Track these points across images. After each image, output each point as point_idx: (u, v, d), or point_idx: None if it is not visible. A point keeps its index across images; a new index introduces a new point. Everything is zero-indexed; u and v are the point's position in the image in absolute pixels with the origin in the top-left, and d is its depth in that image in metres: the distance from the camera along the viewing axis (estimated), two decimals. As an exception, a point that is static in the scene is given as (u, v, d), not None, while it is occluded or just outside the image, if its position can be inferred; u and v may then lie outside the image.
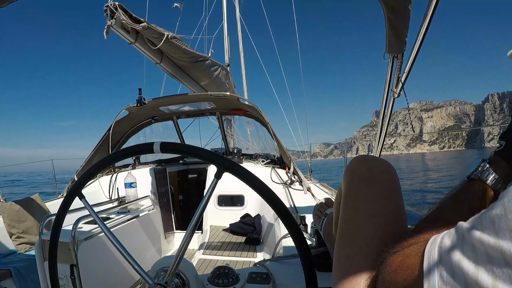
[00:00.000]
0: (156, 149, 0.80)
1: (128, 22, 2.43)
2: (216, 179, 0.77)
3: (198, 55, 3.55)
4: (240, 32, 9.19)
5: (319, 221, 1.27)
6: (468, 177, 0.58)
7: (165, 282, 0.83)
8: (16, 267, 2.38)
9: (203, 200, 0.78)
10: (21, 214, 2.88)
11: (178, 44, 3.00)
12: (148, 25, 2.54)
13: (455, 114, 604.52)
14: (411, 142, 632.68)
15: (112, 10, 2.32)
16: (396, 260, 0.52)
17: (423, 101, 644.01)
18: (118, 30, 2.47)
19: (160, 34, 2.71)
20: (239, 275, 1.21)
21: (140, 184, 2.96)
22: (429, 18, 1.74)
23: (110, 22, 2.33)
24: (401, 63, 2.26)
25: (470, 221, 0.40)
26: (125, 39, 2.65)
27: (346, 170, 0.81)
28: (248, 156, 4.14)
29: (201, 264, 2.51)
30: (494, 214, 0.35)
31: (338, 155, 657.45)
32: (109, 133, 3.56)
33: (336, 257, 0.73)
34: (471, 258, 0.36)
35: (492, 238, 0.34)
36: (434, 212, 0.61)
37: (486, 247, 0.34)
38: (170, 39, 2.81)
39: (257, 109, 3.39)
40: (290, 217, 0.72)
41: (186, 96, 3.39)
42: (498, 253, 0.32)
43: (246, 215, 3.26)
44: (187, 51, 3.25)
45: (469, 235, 0.38)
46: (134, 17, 2.50)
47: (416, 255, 0.48)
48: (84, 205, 0.92)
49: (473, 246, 0.36)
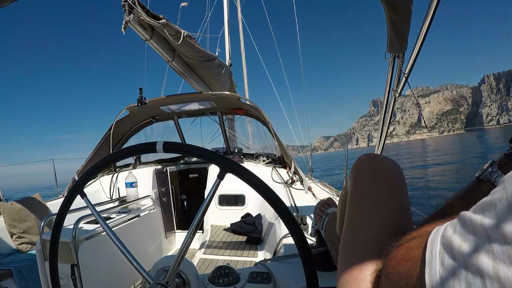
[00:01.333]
0: (159, 149, 0.80)
1: (146, 19, 2.39)
2: (219, 180, 0.77)
3: (208, 54, 3.54)
4: (242, 32, 9.19)
5: (320, 220, 1.26)
6: (477, 178, 0.58)
7: (166, 282, 0.83)
8: (17, 267, 2.38)
9: (206, 200, 0.78)
10: (22, 213, 2.88)
11: (192, 43, 2.98)
12: (167, 22, 2.51)
13: (453, 97, 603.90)
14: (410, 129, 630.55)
15: (130, 5, 2.28)
16: (400, 253, 0.52)
17: (419, 87, 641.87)
18: (135, 26, 2.44)
19: (177, 32, 2.69)
20: (239, 275, 1.20)
21: (141, 184, 2.95)
22: (430, 18, 1.74)
23: (128, 18, 2.28)
24: (402, 62, 2.26)
25: (472, 208, 0.40)
26: (141, 36, 2.62)
27: (352, 169, 0.81)
28: (249, 155, 4.14)
29: (202, 264, 2.51)
30: (495, 197, 0.35)
31: (339, 147, 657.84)
32: (110, 132, 3.57)
33: (342, 255, 0.73)
34: (471, 241, 0.36)
35: (492, 220, 0.34)
36: (440, 210, 0.61)
37: (486, 229, 0.34)
38: (186, 37, 2.79)
39: (258, 108, 3.39)
40: (290, 217, 0.72)
41: (187, 95, 3.39)
42: (498, 234, 0.32)
43: (247, 214, 3.25)
44: (199, 50, 3.22)
45: (470, 220, 0.38)
46: (152, 13, 2.46)
47: (419, 247, 0.48)
48: (85, 205, 0.92)
49: (473, 230, 0.36)
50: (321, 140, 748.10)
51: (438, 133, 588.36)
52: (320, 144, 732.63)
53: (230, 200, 3.49)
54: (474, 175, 0.60)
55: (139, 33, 2.58)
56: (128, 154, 0.88)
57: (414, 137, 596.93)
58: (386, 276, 0.54)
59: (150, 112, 3.87)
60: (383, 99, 2.62)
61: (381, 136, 2.84)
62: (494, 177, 0.55)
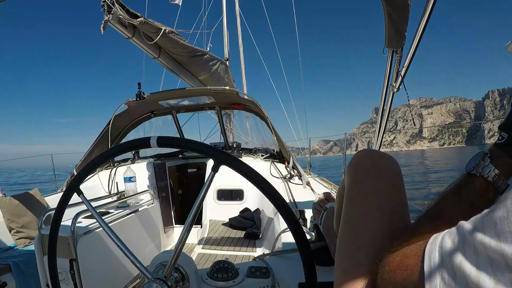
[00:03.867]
0: (153, 144, 0.80)
1: (125, 17, 2.43)
2: (213, 172, 0.77)
3: (196, 49, 3.54)
4: (240, 26, 9.15)
5: (318, 215, 1.27)
6: (468, 172, 0.56)
7: (164, 277, 0.83)
8: (15, 261, 2.39)
9: (201, 193, 0.79)
10: (20, 208, 2.88)
11: (176, 39, 2.99)
12: (145, 20, 2.54)
13: (455, 110, 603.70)
14: (411, 139, 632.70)
15: (109, 5, 2.32)
16: (394, 260, 0.52)
17: (423, 98, 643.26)
18: (115, 25, 2.47)
19: (157, 29, 2.71)
20: (238, 270, 1.21)
21: (140, 179, 2.95)
22: (428, 12, 1.74)
23: (107, 17, 2.33)
24: (400, 58, 2.26)
25: (472, 221, 0.39)
26: (123, 34, 2.65)
27: (350, 164, 0.80)
28: (248, 150, 4.14)
29: (200, 259, 2.52)
30: (496, 216, 0.35)
31: (338, 151, 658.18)
32: (108, 127, 3.56)
33: (339, 251, 0.73)
34: (472, 260, 0.35)
35: (493, 240, 0.33)
36: (433, 209, 0.59)
37: (487, 250, 0.34)
38: (168, 33, 2.81)
39: (256, 103, 3.38)
40: (289, 211, 0.72)
41: (185, 90, 3.38)
42: (499, 256, 0.32)
43: (246, 209, 3.26)
44: (185, 46, 3.24)
45: (471, 236, 0.37)
46: (131, 12, 2.50)
47: (415, 255, 0.47)
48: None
49: (474, 248, 0.36)
50: (321, 144, 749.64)
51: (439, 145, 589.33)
52: (320, 147, 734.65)
53: (229, 195, 3.49)
54: (464, 168, 0.58)
55: (120, 32, 2.62)
56: (123, 151, 0.89)
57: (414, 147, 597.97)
58: (381, 282, 0.54)
59: (149, 107, 3.86)
60: (381, 94, 2.62)
61: (379, 131, 2.84)
62: (487, 172, 0.52)
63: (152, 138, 0.80)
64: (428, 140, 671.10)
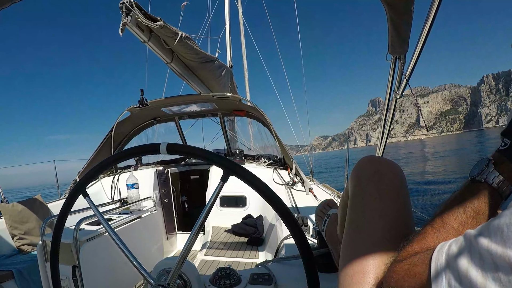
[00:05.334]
0: (162, 150, 0.80)
1: (143, 21, 2.40)
2: (222, 183, 0.76)
3: (207, 55, 3.55)
4: (243, 33, 9.20)
5: (321, 222, 1.26)
6: (472, 178, 0.56)
7: (168, 283, 0.82)
8: (18, 268, 2.38)
9: (209, 202, 0.78)
10: (23, 215, 2.88)
11: (191, 44, 2.99)
12: (164, 24, 2.52)
13: (451, 97, 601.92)
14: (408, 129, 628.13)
15: (127, 7, 2.29)
16: (402, 268, 0.52)
17: (418, 87, 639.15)
18: (132, 28, 2.45)
19: (174, 33, 2.70)
20: (241, 276, 1.20)
21: (142, 185, 2.95)
22: (431, 20, 1.74)
23: (125, 20, 2.29)
24: (403, 64, 2.25)
25: (478, 229, 0.39)
26: (139, 38, 2.64)
27: (353, 171, 0.80)
28: (250, 157, 4.13)
29: (203, 265, 2.51)
30: (502, 222, 0.35)
31: (337, 146, 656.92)
32: (111, 134, 3.57)
33: (343, 257, 0.72)
34: (478, 266, 0.35)
35: (499, 247, 0.33)
36: (439, 216, 0.58)
37: (493, 256, 0.34)
38: (184, 39, 2.80)
39: (259, 110, 3.39)
40: (292, 218, 0.72)
41: (188, 97, 3.39)
42: (505, 262, 0.32)
43: (248, 216, 3.25)
44: (198, 52, 3.24)
45: (477, 243, 0.37)
46: (150, 15, 2.47)
47: (423, 263, 0.47)
48: (86, 206, 0.92)
49: (480, 254, 0.36)
50: (319, 140, 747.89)
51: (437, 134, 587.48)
52: (318, 143, 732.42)
53: (231, 202, 3.48)
54: (469, 174, 0.58)
55: (137, 35, 2.59)
56: (132, 155, 0.88)
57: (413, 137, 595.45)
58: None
59: (152, 114, 3.87)
60: (385, 100, 2.61)
61: (382, 137, 2.83)
62: (492, 178, 0.52)
63: (162, 144, 0.80)
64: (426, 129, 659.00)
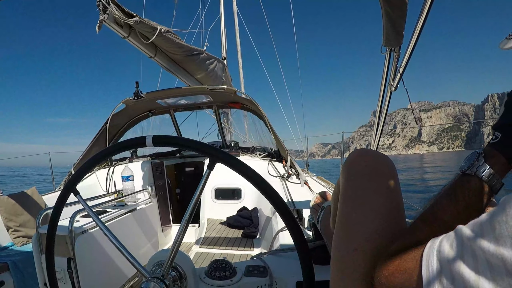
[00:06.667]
0: (148, 143, 0.81)
1: (120, 17, 2.43)
2: (209, 170, 0.78)
3: (192, 48, 3.54)
4: (237, 25, 9.14)
5: (316, 214, 1.27)
6: (463, 172, 0.56)
7: (162, 275, 0.83)
8: (13, 260, 2.38)
9: (197, 191, 0.79)
10: (18, 207, 2.87)
11: (172, 38, 3.00)
12: (140, 20, 2.54)
13: (454, 114, 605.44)
14: (409, 143, 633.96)
15: (104, 5, 2.32)
16: (392, 263, 0.52)
17: (422, 102, 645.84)
18: (111, 25, 2.47)
19: (153, 28, 2.72)
20: (236, 268, 1.21)
21: (137, 178, 2.94)
22: (426, 11, 1.73)
23: (102, 17, 2.33)
24: (398, 56, 2.25)
25: (470, 225, 0.39)
26: (118, 34, 2.65)
27: (344, 164, 0.79)
28: (245, 149, 4.14)
29: (198, 257, 2.52)
30: (495, 220, 0.35)
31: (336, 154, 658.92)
32: (106, 126, 3.55)
33: (334, 252, 0.72)
34: (471, 265, 0.35)
35: (492, 245, 0.33)
36: (429, 210, 0.59)
37: (486, 254, 0.34)
38: (163, 33, 2.81)
39: (254, 102, 3.38)
40: (286, 210, 0.72)
41: (183, 89, 3.37)
42: (498, 260, 0.32)
43: (243, 208, 3.26)
44: (181, 45, 3.24)
45: (469, 241, 0.37)
46: (127, 11, 2.50)
47: (413, 259, 0.47)
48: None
49: (473, 252, 0.36)
50: (319, 147, 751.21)
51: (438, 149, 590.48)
52: (318, 150, 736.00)
53: (226, 194, 3.49)
54: (459, 167, 0.58)
55: (116, 32, 2.61)
56: (119, 150, 0.89)
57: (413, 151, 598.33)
58: (379, 285, 0.54)
59: (147, 106, 3.85)
60: (379, 93, 2.61)
61: (377, 131, 2.83)
62: (482, 171, 0.53)
63: (147, 137, 0.81)
64: (427, 144, 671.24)
